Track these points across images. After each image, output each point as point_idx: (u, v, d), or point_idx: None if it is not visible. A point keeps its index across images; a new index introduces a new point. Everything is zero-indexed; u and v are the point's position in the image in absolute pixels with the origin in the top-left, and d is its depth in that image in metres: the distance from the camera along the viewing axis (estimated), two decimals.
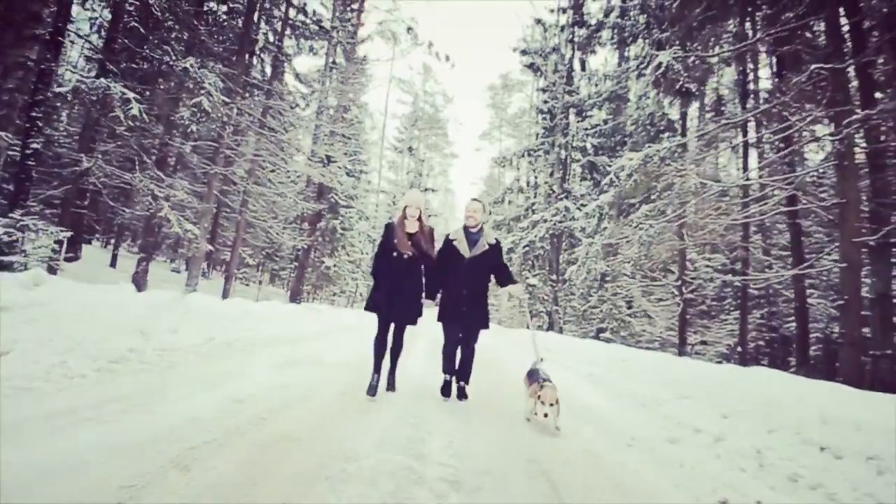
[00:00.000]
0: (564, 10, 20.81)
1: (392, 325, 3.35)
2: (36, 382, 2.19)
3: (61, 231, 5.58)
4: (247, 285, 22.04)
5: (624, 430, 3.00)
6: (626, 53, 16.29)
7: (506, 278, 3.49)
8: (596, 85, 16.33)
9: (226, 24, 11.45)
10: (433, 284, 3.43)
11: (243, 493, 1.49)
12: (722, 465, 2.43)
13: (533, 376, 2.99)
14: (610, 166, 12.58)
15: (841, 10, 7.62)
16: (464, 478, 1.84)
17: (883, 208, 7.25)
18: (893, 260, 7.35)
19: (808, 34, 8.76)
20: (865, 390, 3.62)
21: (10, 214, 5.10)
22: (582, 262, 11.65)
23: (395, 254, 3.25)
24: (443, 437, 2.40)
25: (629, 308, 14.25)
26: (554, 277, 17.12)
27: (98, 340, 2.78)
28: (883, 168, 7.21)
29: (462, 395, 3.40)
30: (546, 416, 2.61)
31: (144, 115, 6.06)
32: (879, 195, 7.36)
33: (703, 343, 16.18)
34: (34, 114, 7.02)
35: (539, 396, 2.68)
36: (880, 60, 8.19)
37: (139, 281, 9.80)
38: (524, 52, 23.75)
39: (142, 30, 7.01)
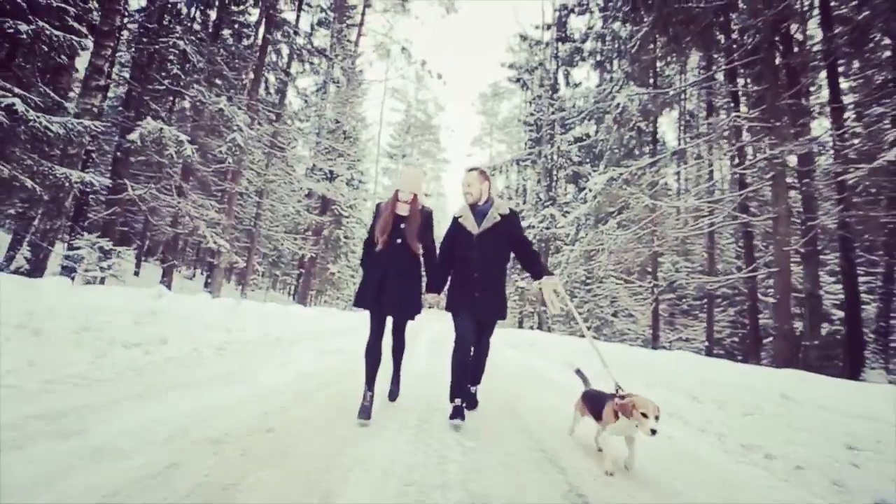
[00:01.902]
0: (549, 27, 22.10)
1: (389, 322, 2.79)
2: (186, 360, 3.40)
3: (126, 250, 6.72)
4: (253, 290, 23.08)
5: (570, 391, 4.24)
6: (608, 67, 17.64)
7: (535, 264, 2.81)
8: (574, 105, 17.66)
9: (235, 49, 12.59)
10: (435, 274, 2.88)
11: (338, 411, 2.72)
12: None
13: (596, 400, 2.38)
14: (592, 175, 13.95)
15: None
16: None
17: (810, 221, 8.66)
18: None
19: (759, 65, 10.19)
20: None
21: (87, 236, 6.28)
22: (564, 266, 12.97)
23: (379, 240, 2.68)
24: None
25: (611, 307, 15.60)
26: None
27: (206, 334, 3.98)
28: (810, 187, 8.61)
29: (471, 403, 2.87)
30: (653, 432, 1.87)
31: (196, 154, 7.25)
32: (807, 210, 8.76)
33: (686, 340, 17.60)
34: (89, 148, 8.17)
35: (638, 408, 1.95)
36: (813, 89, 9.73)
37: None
38: (511, 67, 25.15)
39: (181, 75, 8.17)
